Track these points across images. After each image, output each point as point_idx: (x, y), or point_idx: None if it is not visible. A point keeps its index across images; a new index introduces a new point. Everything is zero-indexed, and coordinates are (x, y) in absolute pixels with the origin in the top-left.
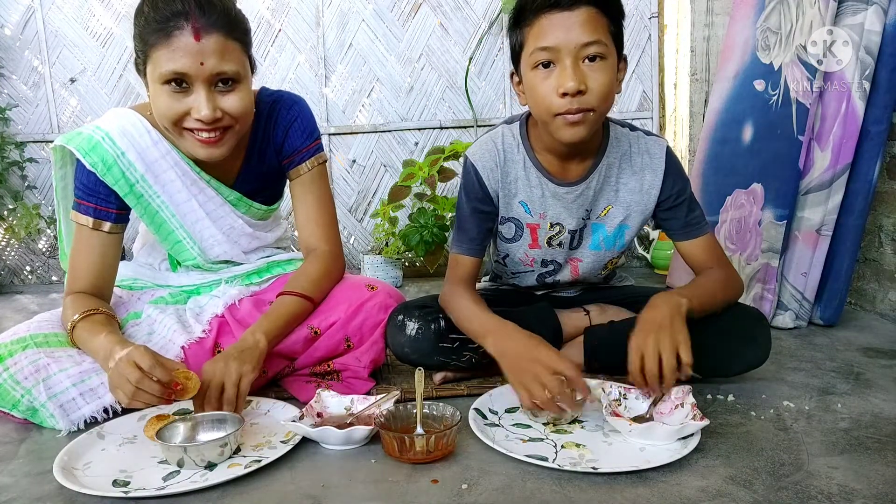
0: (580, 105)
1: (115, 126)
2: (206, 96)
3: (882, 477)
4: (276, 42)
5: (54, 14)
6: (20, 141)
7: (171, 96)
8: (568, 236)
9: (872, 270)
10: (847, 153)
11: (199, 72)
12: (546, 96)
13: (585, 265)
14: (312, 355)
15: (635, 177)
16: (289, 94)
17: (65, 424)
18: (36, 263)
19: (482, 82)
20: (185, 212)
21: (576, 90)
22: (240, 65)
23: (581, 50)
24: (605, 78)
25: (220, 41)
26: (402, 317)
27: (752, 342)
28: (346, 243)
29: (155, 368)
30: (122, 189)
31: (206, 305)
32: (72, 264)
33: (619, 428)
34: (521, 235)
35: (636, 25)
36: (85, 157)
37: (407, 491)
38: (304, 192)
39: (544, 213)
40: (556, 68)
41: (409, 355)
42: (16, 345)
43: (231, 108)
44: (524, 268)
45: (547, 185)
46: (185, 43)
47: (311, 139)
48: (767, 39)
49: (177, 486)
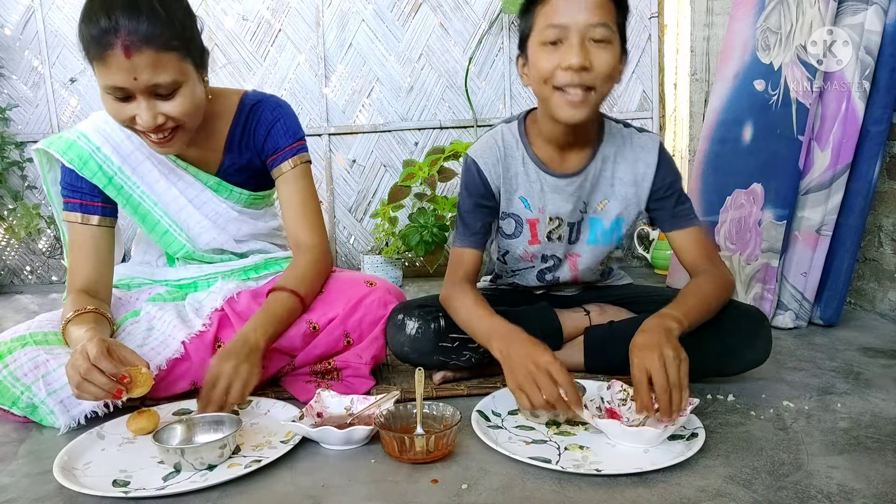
0: (582, 81)
1: (89, 125)
2: (146, 106)
3: (882, 477)
4: (276, 42)
5: (54, 14)
6: (20, 141)
7: (115, 103)
8: (567, 229)
9: (872, 270)
10: (847, 153)
11: (134, 86)
12: (551, 69)
13: (584, 260)
14: (312, 352)
15: (629, 169)
16: (274, 98)
17: (65, 420)
18: (36, 263)
19: (482, 82)
20: (167, 200)
21: (580, 66)
22: (177, 73)
23: (589, 30)
24: (610, 59)
25: (151, 56)
26: (401, 316)
27: (753, 342)
28: (346, 243)
29: (100, 359)
30: (101, 181)
31: (204, 301)
32: (69, 263)
33: (606, 430)
34: (521, 231)
35: (636, 25)
36: (63, 156)
37: (407, 491)
38: (289, 189)
39: (543, 208)
40: (562, 46)
41: (409, 354)
42: (15, 342)
43: (172, 111)
44: (524, 264)
45: (546, 179)
46: (118, 61)
47: (293, 139)
48: (767, 39)
49: (177, 486)
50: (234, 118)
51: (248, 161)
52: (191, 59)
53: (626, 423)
